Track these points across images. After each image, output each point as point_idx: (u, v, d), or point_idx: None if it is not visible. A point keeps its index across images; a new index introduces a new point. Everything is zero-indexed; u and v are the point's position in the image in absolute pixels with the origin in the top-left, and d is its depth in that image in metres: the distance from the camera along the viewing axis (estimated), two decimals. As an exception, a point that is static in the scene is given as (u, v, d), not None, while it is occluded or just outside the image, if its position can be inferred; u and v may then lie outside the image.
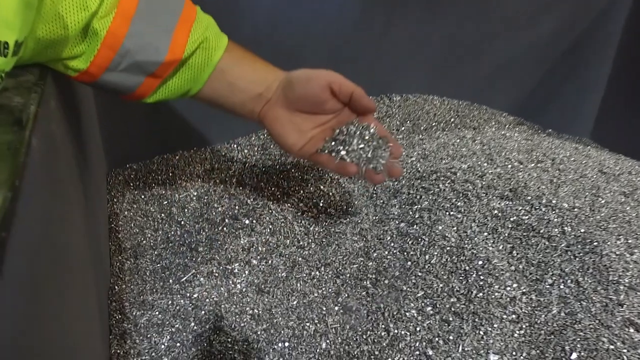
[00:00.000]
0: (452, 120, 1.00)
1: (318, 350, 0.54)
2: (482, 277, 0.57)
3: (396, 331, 0.54)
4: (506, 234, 0.61)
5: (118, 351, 0.56)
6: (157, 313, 0.60)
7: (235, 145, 0.91)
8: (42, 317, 0.32)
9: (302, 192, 0.75)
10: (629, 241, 0.58)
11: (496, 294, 0.55)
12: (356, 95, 0.56)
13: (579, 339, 0.51)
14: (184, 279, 0.64)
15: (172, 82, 0.52)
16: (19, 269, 0.27)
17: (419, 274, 0.59)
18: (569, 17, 1.06)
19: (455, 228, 0.62)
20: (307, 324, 0.56)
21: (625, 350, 0.48)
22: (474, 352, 0.51)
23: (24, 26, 0.36)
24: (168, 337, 0.57)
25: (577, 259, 0.57)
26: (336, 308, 0.58)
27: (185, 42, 0.49)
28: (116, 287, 0.64)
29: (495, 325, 0.53)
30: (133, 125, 0.85)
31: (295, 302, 0.59)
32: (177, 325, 0.58)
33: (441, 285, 0.57)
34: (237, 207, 0.75)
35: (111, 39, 0.45)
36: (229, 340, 0.56)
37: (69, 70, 0.45)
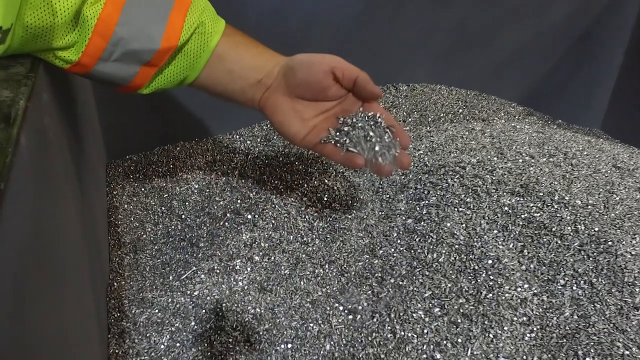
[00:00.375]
0: (461, 111, 0.97)
1: (322, 352, 0.52)
2: (491, 277, 0.55)
3: (402, 333, 0.52)
4: (517, 232, 0.58)
5: (117, 351, 0.54)
6: (156, 311, 0.58)
7: (237, 136, 0.89)
8: (34, 316, 0.31)
9: (306, 185, 0.72)
10: (645, 241, 0.56)
11: (506, 294, 0.53)
12: (360, 81, 0.53)
13: (592, 344, 0.49)
14: (185, 275, 0.62)
15: (168, 70, 0.50)
16: (8, 267, 0.26)
17: (427, 273, 0.57)
18: (580, 5, 1.03)
19: (464, 225, 0.60)
20: (311, 325, 0.55)
21: (641, 356, 0.47)
22: (483, 355, 0.49)
23: (8, 12, 0.34)
24: (168, 336, 0.56)
25: (591, 258, 0.55)
26: (341, 308, 0.56)
27: (180, 28, 0.47)
28: (115, 283, 0.62)
29: (505, 328, 0.51)
30: (132, 115, 0.83)
31: (298, 301, 0.57)
32: (177, 325, 0.57)
33: (449, 285, 0.55)
34: (239, 201, 0.73)
35: (102, 27, 0.43)
36: (230, 340, 0.54)
37: (60, 61, 0.43)
